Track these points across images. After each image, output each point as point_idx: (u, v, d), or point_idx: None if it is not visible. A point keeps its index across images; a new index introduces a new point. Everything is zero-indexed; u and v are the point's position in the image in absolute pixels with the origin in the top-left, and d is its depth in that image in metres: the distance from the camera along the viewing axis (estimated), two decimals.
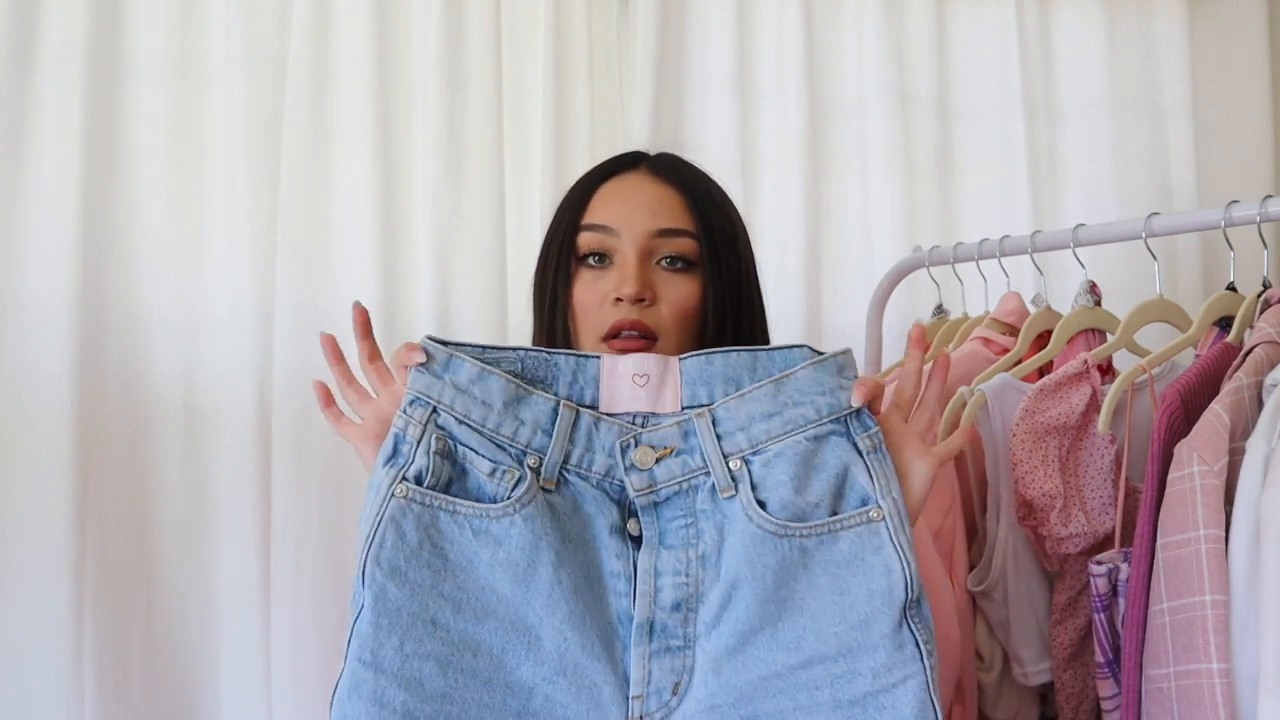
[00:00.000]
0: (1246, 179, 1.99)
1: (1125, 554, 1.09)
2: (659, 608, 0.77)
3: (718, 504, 0.79)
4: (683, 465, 0.80)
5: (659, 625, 0.77)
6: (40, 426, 1.41)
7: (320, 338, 0.91)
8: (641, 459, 0.79)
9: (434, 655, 0.76)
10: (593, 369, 0.82)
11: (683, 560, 0.78)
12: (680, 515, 0.80)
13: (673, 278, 0.95)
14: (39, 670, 1.39)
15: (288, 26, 1.55)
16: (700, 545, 0.79)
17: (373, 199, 1.56)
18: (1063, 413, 1.19)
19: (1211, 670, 0.90)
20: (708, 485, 0.80)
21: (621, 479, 0.80)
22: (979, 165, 1.91)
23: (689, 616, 0.78)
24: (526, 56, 1.67)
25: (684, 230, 0.95)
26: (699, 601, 0.78)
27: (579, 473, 0.80)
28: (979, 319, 1.49)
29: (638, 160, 1.02)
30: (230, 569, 1.49)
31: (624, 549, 0.79)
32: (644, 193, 0.97)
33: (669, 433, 0.80)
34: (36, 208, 1.43)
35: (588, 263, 0.96)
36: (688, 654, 0.78)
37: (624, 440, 0.80)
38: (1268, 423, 0.93)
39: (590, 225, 0.96)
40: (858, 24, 1.85)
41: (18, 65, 1.43)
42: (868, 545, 0.78)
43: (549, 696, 0.77)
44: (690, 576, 0.78)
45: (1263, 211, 1.09)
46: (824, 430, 0.79)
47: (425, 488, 0.78)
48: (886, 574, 0.77)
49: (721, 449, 0.79)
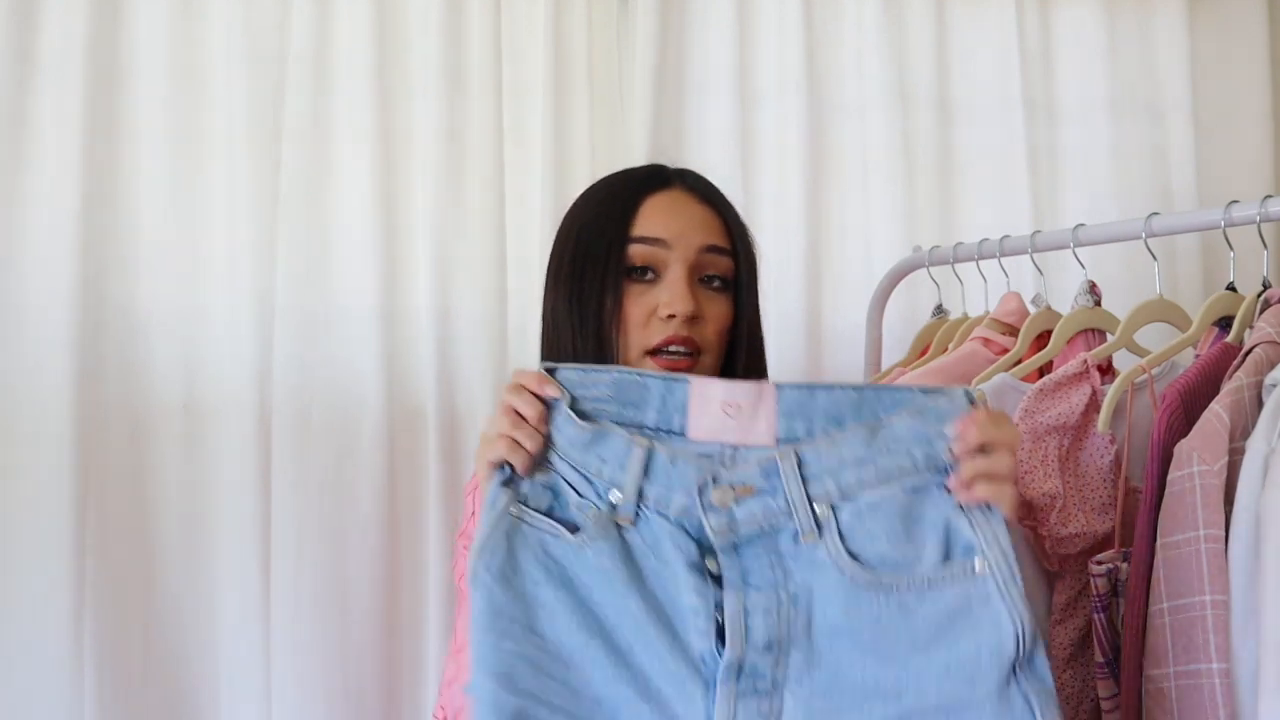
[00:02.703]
0: (1246, 179, 1.99)
1: (1125, 554, 1.09)
2: (750, 646, 0.75)
3: (800, 549, 0.77)
4: (764, 507, 0.78)
5: (749, 666, 0.75)
6: (40, 426, 1.41)
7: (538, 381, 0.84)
8: (720, 499, 0.77)
9: (528, 657, 0.77)
10: (681, 393, 0.81)
11: (773, 600, 0.76)
12: (764, 556, 0.78)
13: (714, 296, 0.98)
14: (39, 670, 1.39)
15: (288, 26, 1.55)
16: (790, 586, 0.77)
17: (373, 199, 1.56)
18: (1062, 413, 1.19)
19: (1211, 670, 0.90)
20: (791, 529, 0.78)
21: (700, 518, 0.78)
22: (979, 165, 1.91)
23: (780, 659, 0.76)
24: (526, 56, 1.67)
25: (726, 249, 0.99)
26: (790, 644, 0.76)
27: (658, 510, 0.79)
28: (979, 319, 1.49)
29: (667, 175, 1.02)
30: (230, 569, 1.49)
31: (704, 587, 0.77)
32: (692, 210, 0.99)
33: (749, 472, 0.78)
34: (36, 208, 1.43)
35: (631, 276, 0.96)
36: (776, 698, 0.76)
37: (701, 479, 0.78)
38: (1268, 423, 0.93)
39: (643, 238, 0.96)
40: (858, 24, 1.85)
41: (18, 65, 1.43)
42: (974, 598, 0.74)
43: (635, 716, 0.76)
44: (781, 617, 0.76)
45: (1263, 211, 1.09)
46: (921, 482, 0.77)
47: (533, 509, 0.81)
48: (996, 629, 0.73)
49: (807, 492, 0.77)
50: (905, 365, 1.58)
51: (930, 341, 1.59)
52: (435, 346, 1.57)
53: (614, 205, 0.99)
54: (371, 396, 1.53)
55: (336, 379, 1.53)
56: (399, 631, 1.54)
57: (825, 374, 1.79)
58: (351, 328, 1.55)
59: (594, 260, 0.97)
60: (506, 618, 0.78)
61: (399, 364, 1.57)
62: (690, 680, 0.76)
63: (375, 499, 1.53)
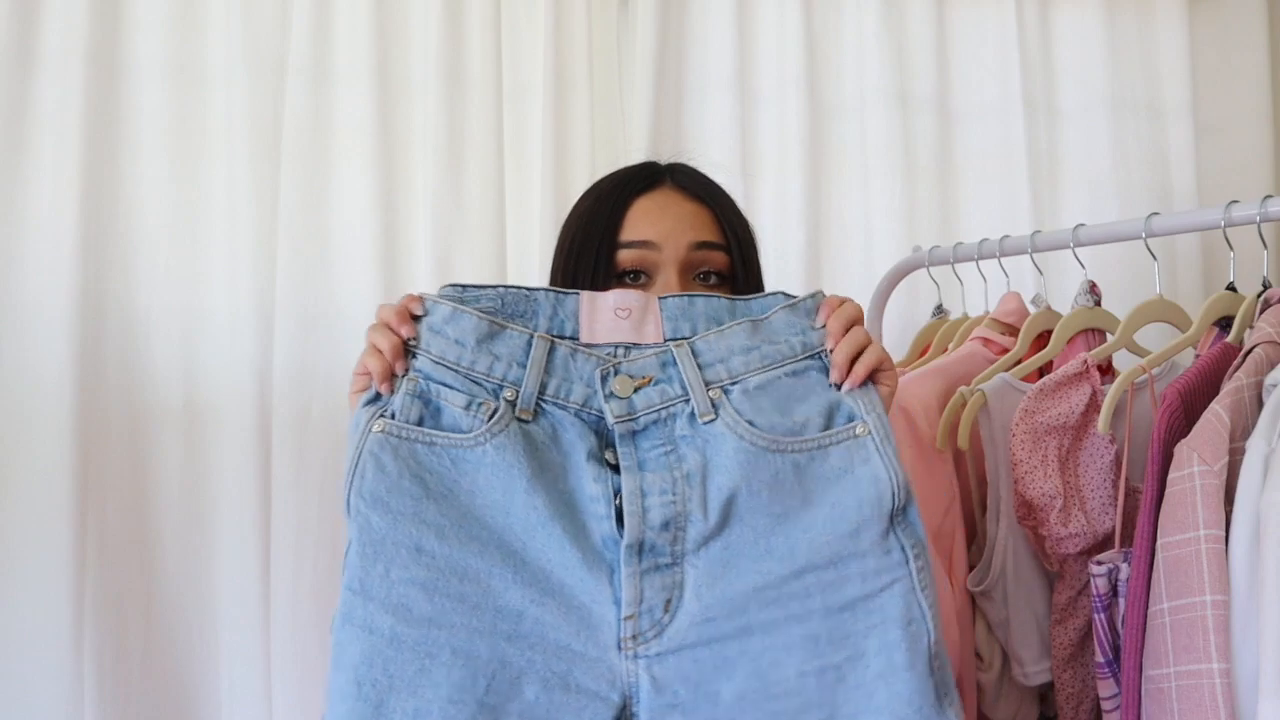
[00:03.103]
0: (1246, 179, 1.99)
1: (1125, 554, 1.09)
2: (648, 527, 0.78)
3: (697, 429, 0.81)
4: (661, 394, 0.82)
5: (648, 544, 0.78)
6: (40, 426, 1.41)
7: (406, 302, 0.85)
8: (620, 387, 0.81)
9: (419, 581, 0.77)
10: (572, 304, 0.84)
11: (668, 481, 0.80)
12: (659, 443, 0.81)
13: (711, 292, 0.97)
14: (39, 670, 1.39)
15: (288, 26, 1.55)
16: (684, 466, 0.80)
17: (373, 199, 1.56)
18: (1062, 413, 1.19)
19: (1211, 670, 0.90)
20: (686, 413, 0.82)
21: (600, 408, 0.81)
22: (979, 165, 1.91)
23: (678, 535, 0.79)
24: (526, 56, 1.67)
25: (718, 244, 0.99)
26: (687, 520, 0.79)
27: (557, 402, 0.81)
28: (979, 319, 1.49)
29: (658, 173, 1.03)
30: (230, 569, 1.49)
31: (601, 474, 0.80)
32: (680, 208, 0.99)
33: (648, 362, 0.83)
34: (36, 208, 1.43)
35: (624, 280, 0.97)
36: (677, 570, 0.79)
37: (603, 369, 0.82)
38: (1268, 423, 0.93)
39: (631, 242, 0.97)
40: (858, 24, 1.85)
41: (18, 65, 1.43)
42: (856, 458, 0.81)
43: (538, 619, 0.77)
44: (677, 495, 0.79)
45: (1263, 211, 1.09)
46: (801, 366, 0.84)
47: (401, 422, 0.80)
48: (874, 483, 0.80)
49: (703, 377, 0.82)
50: (905, 365, 1.58)
51: (930, 341, 1.59)
52: None
53: (602, 211, 1.00)
54: None
55: (336, 379, 1.53)
56: None
57: None
58: (351, 328, 1.54)
59: (585, 268, 0.98)
60: (390, 543, 0.77)
61: None
62: (595, 566, 0.78)
63: None
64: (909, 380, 1.34)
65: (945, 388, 1.31)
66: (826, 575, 0.79)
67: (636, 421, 0.81)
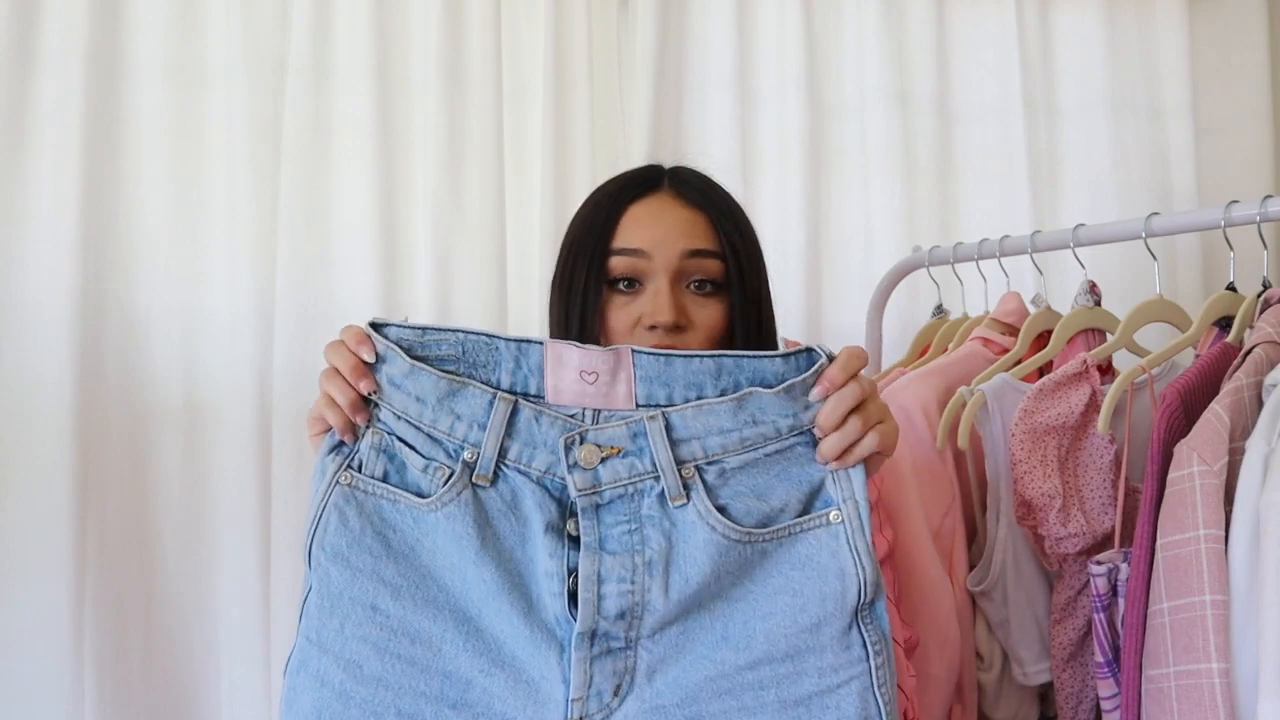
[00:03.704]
0: (1246, 179, 1.99)
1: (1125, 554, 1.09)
2: (602, 617, 0.75)
3: (666, 511, 0.77)
4: (629, 468, 0.77)
5: (601, 632, 0.75)
6: (40, 426, 1.41)
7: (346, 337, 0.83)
8: (585, 458, 0.76)
9: (372, 640, 0.76)
10: (536, 356, 0.78)
11: (628, 567, 0.76)
12: (624, 520, 0.77)
13: (703, 301, 0.95)
14: (39, 670, 1.39)
15: (287, 27, 1.55)
16: (647, 551, 0.76)
17: (373, 199, 1.56)
18: (1062, 413, 1.19)
19: (1211, 670, 0.90)
20: (655, 491, 0.77)
21: (563, 477, 0.77)
22: (979, 165, 1.91)
23: (633, 622, 0.76)
24: (526, 56, 1.67)
25: (712, 251, 0.96)
26: (644, 609, 0.76)
27: (519, 468, 0.77)
28: (979, 319, 1.49)
29: (658, 177, 1.01)
30: (230, 569, 1.49)
31: (558, 549, 0.76)
32: (674, 215, 0.97)
33: (616, 432, 0.77)
34: (37, 208, 1.43)
35: (618, 287, 0.96)
36: (630, 655, 0.76)
37: (568, 437, 0.76)
38: (1268, 423, 0.93)
39: (622, 250, 0.95)
40: (858, 24, 1.85)
41: (18, 65, 1.43)
42: (826, 549, 0.77)
43: (486, 689, 0.76)
44: (636, 584, 0.76)
45: (1263, 211, 1.09)
46: (786, 444, 0.78)
47: (367, 476, 0.78)
48: (841, 577, 0.76)
49: (675, 455, 0.76)
50: (905, 365, 1.58)
51: (930, 341, 1.59)
52: None
53: (598, 217, 0.98)
54: None
55: None
56: None
57: None
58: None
59: (579, 274, 0.96)
60: (347, 599, 0.76)
61: None
62: (545, 643, 0.76)
63: None
64: (909, 380, 1.34)
65: (945, 388, 1.31)
66: (783, 668, 0.76)
67: (601, 495, 0.76)
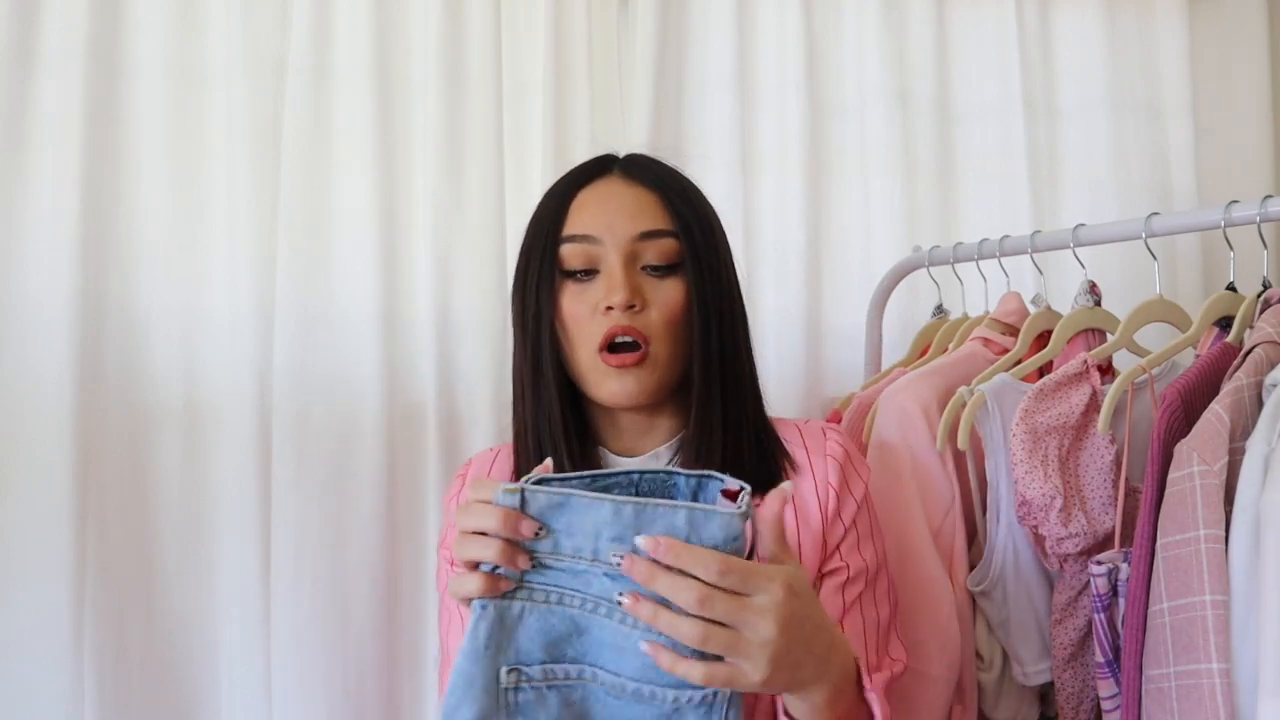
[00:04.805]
0: (1246, 179, 1.99)
1: (1125, 554, 1.09)
2: None
3: None
4: None
5: None
6: (40, 426, 1.40)
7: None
8: None
9: None
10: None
11: None
12: None
13: (659, 283, 0.94)
14: (39, 670, 1.39)
15: (288, 27, 1.55)
16: None
17: (373, 199, 1.56)
18: (1062, 413, 1.19)
19: (1211, 670, 0.90)
20: None
21: None
22: (979, 165, 1.91)
23: None
24: (526, 56, 1.67)
25: (665, 231, 0.94)
26: None
27: None
28: (979, 319, 1.49)
29: (609, 164, 1.01)
30: (230, 569, 1.49)
31: None
32: (622, 197, 0.96)
33: None
34: (36, 208, 1.43)
35: (574, 276, 0.95)
36: None
37: None
38: (1268, 423, 0.93)
39: (571, 236, 0.94)
40: (858, 24, 1.85)
41: (18, 65, 1.43)
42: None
43: None
44: None
45: (1263, 211, 1.09)
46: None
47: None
48: None
49: None
50: (905, 365, 1.58)
51: (930, 341, 1.60)
52: (435, 346, 1.56)
53: (549, 207, 0.98)
54: (371, 396, 1.53)
55: (336, 379, 1.53)
56: (400, 631, 1.54)
57: (825, 374, 1.79)
58: (351, 328, 1.54)
59: (532, 267, 0.96)
60: None
61: (399, 364, 1.57)
62: None
63: (375, 499, 1.52)
64: (909, 380, 1.34)
65: (945, 388, 1.31)
66: None
67: None
